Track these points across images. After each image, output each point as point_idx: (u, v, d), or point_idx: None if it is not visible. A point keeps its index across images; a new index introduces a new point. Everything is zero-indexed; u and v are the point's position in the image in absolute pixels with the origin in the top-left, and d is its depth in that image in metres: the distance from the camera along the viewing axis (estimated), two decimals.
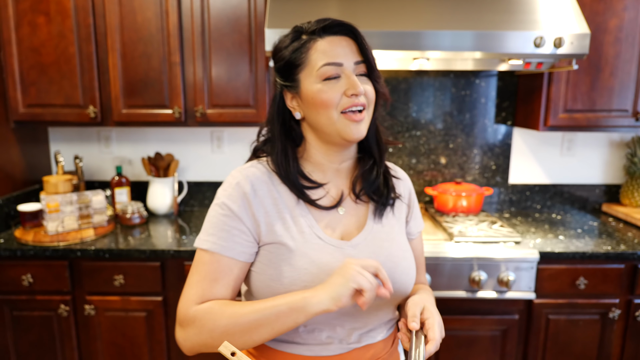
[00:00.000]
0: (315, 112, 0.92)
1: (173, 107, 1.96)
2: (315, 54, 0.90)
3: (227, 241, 0.90)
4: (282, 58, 0.94)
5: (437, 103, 2.29)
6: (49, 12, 1.88)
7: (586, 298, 1.81)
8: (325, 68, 0.89)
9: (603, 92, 1.97)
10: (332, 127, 0.91)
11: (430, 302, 0.91)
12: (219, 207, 0.93)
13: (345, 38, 0.91)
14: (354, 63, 0.91)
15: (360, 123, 0.91)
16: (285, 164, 0.95)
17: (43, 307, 1.82)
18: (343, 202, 0.99)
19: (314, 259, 0.90)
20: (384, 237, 0.98)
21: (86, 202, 1.96)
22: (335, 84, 0.90)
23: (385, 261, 0.94)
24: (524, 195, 2.38)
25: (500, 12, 1.72)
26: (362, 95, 0.90)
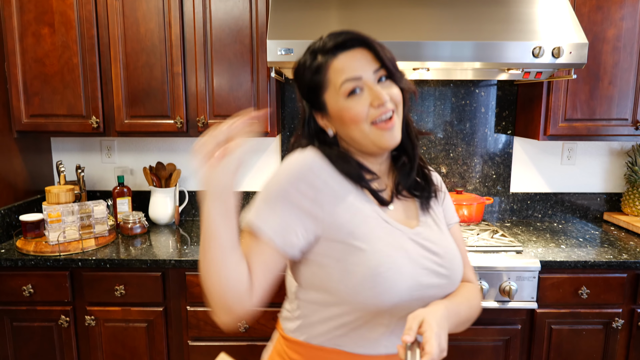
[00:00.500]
0: (346, 128, 0.93)
1: (175, 117, 1.97)
2: (334, 73, 0.91)
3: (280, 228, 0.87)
4: (303, 83, 0.95)
5: (437, 112, 2.30)
6: (53, 23, 1.90)
7: (589, 307, 1.81)
8: (346, 85, 0.90)
9: (602, 101, 1.98)
10: (366, 139, 0.92)
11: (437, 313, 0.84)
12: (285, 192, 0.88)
13: (359, 50, 0.91)
14: (373, 72, 0.91)
15: (393, 129, 0.92)
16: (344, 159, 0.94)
17: (43, 317, 1.81)
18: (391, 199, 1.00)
19: (389, 241, 0.90)
20: (438, 230, 0.99)
21: (88, 212, 1.96)
22: (360, 97, 0.90)
23: (445, 253, 0.95)
24: (525, 204, 2.38)
25: (500, 22, 1.74)
26: (388, 101, 0.90)
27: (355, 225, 0.90)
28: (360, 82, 0.90)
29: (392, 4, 1.80)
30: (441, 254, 0.95)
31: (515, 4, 1.80)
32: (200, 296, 1.79)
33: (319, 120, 0.98)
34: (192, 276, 1.78)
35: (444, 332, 0.81)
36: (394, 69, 0.93)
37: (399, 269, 0.88)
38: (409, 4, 1.80)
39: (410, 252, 0.91)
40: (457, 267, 0.97)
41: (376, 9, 1.79)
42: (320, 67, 0.92)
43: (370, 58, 0.91)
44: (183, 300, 1.81)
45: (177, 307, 1.82)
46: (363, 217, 0.91)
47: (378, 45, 0.92)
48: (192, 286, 1.79)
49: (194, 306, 1.80)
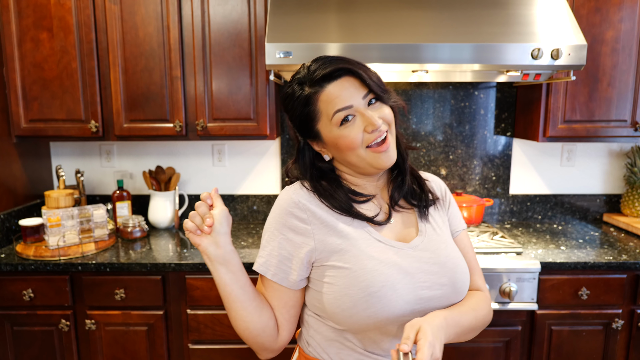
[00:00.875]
0: (342, 154, 0.95)
1: (174, 120, 1.98)
2: (324, 104, 0.92)
3: (279, 269, 0.95)
4: (294, 114, 0.96)
5: (436, 115, 2.30)
6: (51, 28, 1.90)
7: (589, 308, 1.81)
8: (337, 115, 0.91)
9: (601, 103, 1.98)
10: (363, 162, 0.94)
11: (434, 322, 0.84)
12: (276, 230, 0.95)
13: (346, 78, 0.92)
14: (362, 98, 0.92)
15: (389, 150, 0.93)
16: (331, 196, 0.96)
17: (44, 322, 1.81)
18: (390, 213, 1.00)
19: (381, 259, 0.91)
20: (439, 239, 0.99)
21: (87, 216, 1.96)
22: (353, 124, 0.91)
23: (446, 262, 0.95)
24: (524, 206, 2.39)
25: (498, 24, 1.74)
26: (382, 124, 0.92)
27: (345, 249, 0.93)
28: (352, 110, 0.91)
29: (390, 7, 1.80)
30: (441, 263, 0.95)
31: (514, 6, 1.80)
32: (200, 299, 1.79)
33: (314, 146, 1.00)
34: (192, 279, 1.78)
35: (438, 342, 0.81)
36: (381, 91, 0.93)
37: (393, 286, 0.89)
38: (408, 7, 1.80)
39: (406, 267, 0.92)
40: (460, 276, 0.96)
41: (375, 12, 1.79)
42: (309, 99, 0.93)
43: (358, 84, 0.92)
44: (183, 303, 1.81)
45: (178, 310, 1.82)
46: (353, 241, 0.93)
47: (363, 71, 0.92)
48: (192, 289, 1.79)
49: (194, 309, 1.80)
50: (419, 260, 0.94)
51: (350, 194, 0.98)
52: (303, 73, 0.95)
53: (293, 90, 0.96)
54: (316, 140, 0.98)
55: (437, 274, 0.93)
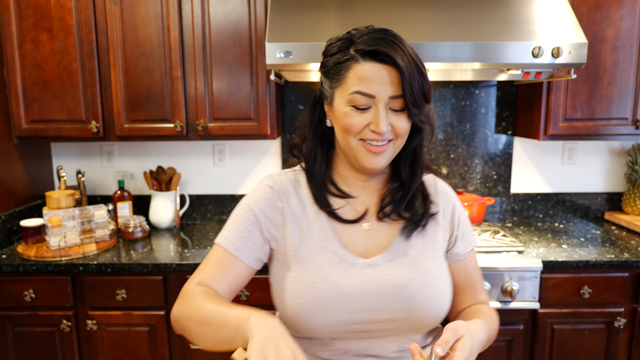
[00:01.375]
0: (338, 130, 0.91)
1: (175, 121, 1.98)
2: (352, 76, 0.86)
3: (238, 241, 0.93)
4: (325, 65, 0.91)
5: (437, 113, 2.30)
6: (52, 28, 1.90)
7: (591, 307, 1.80)
8: (355, 96, 0.85)
9: (602, 101, 1.98)
10: (350, 151, 0.90)
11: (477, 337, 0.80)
12: (241, 208, 0.97)
13: (387, 67, 0.84)
14: (389, 97, 0.85)
15: (379, 155, 0.88)
16: (314, 164, 0.96)
17: (45, 322, 1.81)
18: (368, 218, 0.95)
19: (324, 274, 0.88)
20: (409, 260, 0.92)
21: (88, 217, 1.96)
22: (363, 113, 0.86)
23: (406, 286, 0.89)
24: (526, 205, 2.38)
25: (499, 23, 1.74)
26: (387, 132, 0.87)
27: (299, 251, 0.92)
28: (371, 101, 0.86)
29: (391, 6, 1.80)
30: (399, 286, 0.89)
31: (514, 5, 1.80)
32: None
33: (325, 105, 0.95)
34: None
35: (472, 358, 0.78)
36: (414, 104, 0.85)
37: (322, 304, 0.87)
38: (408, 6, 1.80)
39: (347, 287, 0.87)
40: (420, 303, 0.89)
41: (375, 11, 1.79)
42: (344, 62, 0.87)
43: (396, 81, 0.84)
44: None
45: None
46: (309, 245, 0.92)
47: (410, 73, 0.83)
48: None
49: None
50: (370, 281, 0.89)
51: (329, 182, 0.96)
52: (361, 33, 0.87)
53: (338, 41, 0.89)
54: (329, 101, 0.93)
55: (390, 296, 0.88)
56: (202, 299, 0.83)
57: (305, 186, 0.98)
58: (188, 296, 0.87)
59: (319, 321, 0.87)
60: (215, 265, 0.93)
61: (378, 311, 0.88)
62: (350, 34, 0.89)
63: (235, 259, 0.93)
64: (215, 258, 0.93)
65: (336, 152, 0.98)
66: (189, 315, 0.83)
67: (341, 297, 0.87)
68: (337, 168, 0.99)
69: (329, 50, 0.91)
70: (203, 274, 0.92)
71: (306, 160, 0.97)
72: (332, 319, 0.87)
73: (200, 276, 0.91)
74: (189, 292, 0.87)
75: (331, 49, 0.90)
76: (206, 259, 0.95)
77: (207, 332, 0.80)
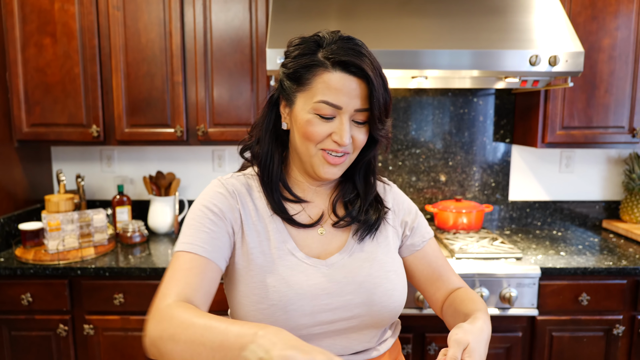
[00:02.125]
0: (297, 137, 0.89)
1: (175, 125, 1.99)
2: (321, 84, 0.84)
3: (206, 243, 0.85)
4: (288, 65, 0.88)
5: (436, 121, 2.32)
6: (55, 33, 1.92)
7: (589, 314, 1.80)
8: (322, 105, 0.84)
9: (599, 109, 2.00)
10: (308, 158, 0.89)
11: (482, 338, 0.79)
12: (199, 210, 0.89)
13: (357, 80, 0.84)
14: (355, 110, 0.85)
15: (336, 166, 0.89)
16: (270, 167, 0.92)
17: (42, 327, 1.80)
18: (323, 223, 0.96)
19: (284, 277, 0.87)
20: (364, 257, 0.94)
21: (87, 221, 1.96)
22: (327, 122, 0.85)
23: (364, 282, 0.90)
24: (524, 212, 2.39)
25: (497, 31, 1.76)
26: (348, 145, 0.87)
27: (257, 254, 0.89)
28: (338, 112, 0.85)
29: (390, 15, 1.82)
30: (358, 282, 0.90)
31: (512, 14, 1.83)
32: None
33: (281, 106, 0.92)
34: None
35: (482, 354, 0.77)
36: (380, 118, 0.86)
37: (284, 307, 0.85)
38: (407, 15, 1.83)
39: (307, 288, 0.87)
40: (379, 297, 0.90)
41: (374, 20, 1.81)
42: (311, 67, 0.85)
43: (363, 95, 0.84)
44: None
45: None
46: (267, 248, 0.90)
47: (378, 88, 0.83)
48: None
49: None
50: (329, 280, 0.89)
51: (283, 187, 0.94)
52: (330, 38, 0.86)
53: (308, 43, 0.86)
54: (288, 104, 0.90)
55: (351, 294, 0.89)
56: (187, 314, 0.72)
57: (258, 190, 0.95)
58: (167, 313, 0.74)
59: (281, 325, 0.85)
60: (188, 272, 0.81)
61: (339, 310, 0.88)
62: (319, 37, 0.87)
63: (207, 262, 0.84)
64: (185, 265, 0.82)
65: (290, 156, 0.96)
66: (172, 336, 0.71)
67: (303, 300, 0.86)
68: (291, 172, 0.97)
69: (293, 51, 0.88)
70: (177, 285, 0.80)
71: (261, 164, 0.93)
72: (294, 322, 0.86)
73: (174, 289, 0.79)
74: (166, 309, 0.75)
75: (297, 48, 0.88)
76: (172, 270, 0.82)
77: (199, 356, 0.68)
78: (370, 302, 0.90)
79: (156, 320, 0.75)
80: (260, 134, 0.94)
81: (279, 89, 0.92)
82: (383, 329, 0.97)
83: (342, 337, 0.91)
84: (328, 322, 0.88)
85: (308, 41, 0.87)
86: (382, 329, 0.96)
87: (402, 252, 1.04)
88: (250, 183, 0.96)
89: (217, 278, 0.86)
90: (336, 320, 0.89)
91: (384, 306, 0.91)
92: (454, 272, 1.06)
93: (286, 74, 0.89)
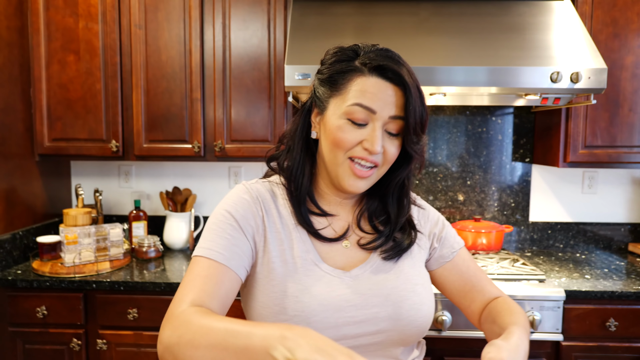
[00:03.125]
0: (326, 143, 0.87)
1: (193, 141, 2.00)
2: (355, 88, 0.82)
3: (226, 250, 0.83)
4: (324, 72, 0.88)
5: (453, 140, 2.29)
6: (78, 50, 1.97)
7: (618, 341, 1.72)
8: (355, 108, 0.82)
9: (623, 128, 1.95)
10: (334, 167, 0.86)
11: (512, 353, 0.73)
12: (221, 215, 0.87)
13: (393, 87, 0.82)
14: (389, 117, 0.82)
15: (363, 180, 0.86)
16: (300, 179, 0.90)
17: (55, 340, 1.79)
18: (348, 237, 0.93)
19: (306, 287, 0.84)
20: (389, 269, 0.90)
21: (104, 235, 1.97)
22: (358, 129, 0.83)
23: (390, 294, 0.87)
24: (545, 234, 2.32)
25: (516, 48, 1.75)
26: (378, 154, 0.84)
27: (279, 263, 0.86)
28: (370, 117, 0.82)
29: (408, 33, 1.83)
30: (384, 295, 0.87)
31: (531, 32, 1.81)
32: None
33: (313, 114, 0.91)
34: None
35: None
36: (415, 129, 0.83)
37: (307, 319, 0.82)
38: (425, 33, 1.83)
39: (331, 300, 0.84)
40: (406, 311, 0.86)
41: (391, 38, 1.82)
42: (347, 72, 0.84)
43: (399, 103, 0.82)
44: None
45: None
46: (290, 258, 0.87)
47: (415, 98, 0.81)
48: None
49: None
50: (353, 292, 0.86)
51: (310, 199, 0.91)
52: (367, 48, 0.86)
53: (346, 51, 0.86)
54: (320, 111, 0.88)
55: (377, 306, 0.85)
56: (205, 319, 0.70)
57: (283, 198, 0.93)
58: (183, 318, 0.72)
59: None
60: (205, 279, 0.79)
61: (364, 324, 0.85)
62: (357, 46, 0.87)
63: (226, 270, 0.81)
64: (203, 272, 0.80)
65: (318, 167, 0.94)
66: (190, 341, 0.68)
67: (326, 311, 0.83)
68: (317, 184, 0.95)
69: (330, 58, 0.88)
70: (192, 291, 0.78)
71: (292, 174, 0.91)
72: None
73: (190, 295, 0.77)
74: (182, 314, 0.73)
75: (334, 56, 0.87)
76: (190, 275, 0.81)
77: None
78: (397, 315, 0.86)
79: (172, 326, 0.72)
80: (292, 142, 0.92)
81: (312, 97, 0.91)
82: (409, 347, 0.93)
83: (366, 353, 0.87)
84: (353, 337, 0.85)
85: (345, 49, 0.87)
86: (409, 347, 0.92)
87: (431, 264, 1.01)
88: (275, 190, 0.94)
89: (235, 288, 0.83)
90: (361, 334, 0.85)
91: (411, 321, 0.87)
92: (489, 282, 1.01)
93: (320, 79, 0.88)
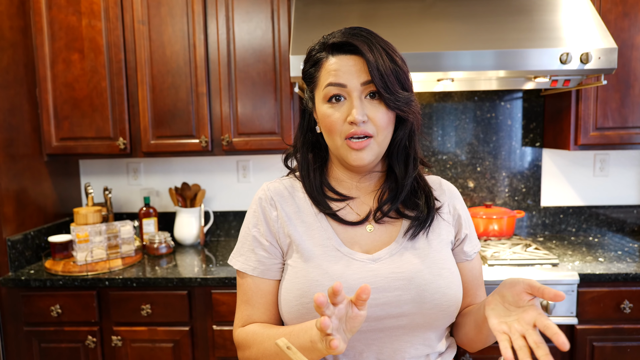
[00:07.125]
0: (324, 133, 0.91)
1: (200, 136, 2.00)
2: (324, 72, 0.87)
3: (252, 261, 0.93)
4: (304, 71, 0.94)
5: (462, 126, 2.27)
6: (82, 49, 1.97)
7: (633, 323, 1.71)
8: (328, 88, 0.86)
9: (634, 109, 1.92)
10: (337, 151, 0.89)
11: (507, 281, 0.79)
12: (246, 227, 0.96)
13: (354, 57, 0.85)
14: (361, 84, 0.84)
15: (362, 151, 0.86)
16: (307, 174, 0.95)
17: (71, 338, 1.80)
18: (371, 219, 0.93)
19: (327, 271, 0.86)
20: (415, 252, 0.90)
21: (114, 232, 1.97)
22: (340, 107, 0.86)
23: (413, 278, 0.86)
24: (557, 218, 2.30)
25: (524, 30, 1.72)
26: (362, 123, 0.84)
27: (301, 250, 0.90)
28: (344, 90, 0.85)
29: (413, 19, 1.80)
30: (408, 278, 0.86)
31: (539, 13, 1.78)
32: (226, 315, 1.76)
33: (314, 113, 0.95)
34: (218, 294, 1.76)
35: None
36: (385, 88, 0.83)
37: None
38: (431, 18, 1.80)
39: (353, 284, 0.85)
40: (430, 295, 0.86)
41: (397, 25, 1.79)
42: (316, 63, 0.89)
43: (366, 69, 0.84)
44: (209, 319, 1.78)
45: (204, 326, 1.79)
46: (310, 245, 0.90)
47: (373, 56, 0.83)
48: (218, 304, 1.76)
49: (220, 325, 1.77)
50: (375, 275, 0.86)
51: (326, 187, 0.95)
52: (334, 33, 0.89)
53: (313, 47, 0.92)
54: (312, 106, 0.94)
55: (399, 289, 0.86)
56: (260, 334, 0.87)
57: (301, 191, 0.96)
58: (241, 339, 0.91)
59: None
60: (250, 296, 0.94)
61: (387, 306, 0.85)
62: (322, 38, 0.91)
63: (263, 281, 0.93)
64: (249, 290, 0.94)
65: (330, 157, 0.98)
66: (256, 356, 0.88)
67: (348, 294, 0.82)
68: (332, 172, 0.97)
69: (305, 58, 0.93)
70: (241, 311, 0.94)
71: (302, 169, 0.96)
72: None
73: (239, 315, 0.94)
74: (238, 336, 0.92)
75: (307, 56, 0.93)
76: (238, 293, 0.96)
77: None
78: (421, 299, 0.86)
79: (239, 349, 0.93)
80: (298, 141, 0.99)
81: (306, 97, 0.96)
82: (437, 334, 0.91)
83: (393, 340, 0.87)
84: (375, 319, 0.85)
85: (313, 46, 0.92)
86: (436, 332, 0.91)
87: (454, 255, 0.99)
88: (295, 184, 0.98)
89: (277, 289, 0.94)
90: (384, 317, 0.85)
91: (436, 304, 0.87)
92: (485, 294, 1.03)
93: (304, 80, 0.95)
